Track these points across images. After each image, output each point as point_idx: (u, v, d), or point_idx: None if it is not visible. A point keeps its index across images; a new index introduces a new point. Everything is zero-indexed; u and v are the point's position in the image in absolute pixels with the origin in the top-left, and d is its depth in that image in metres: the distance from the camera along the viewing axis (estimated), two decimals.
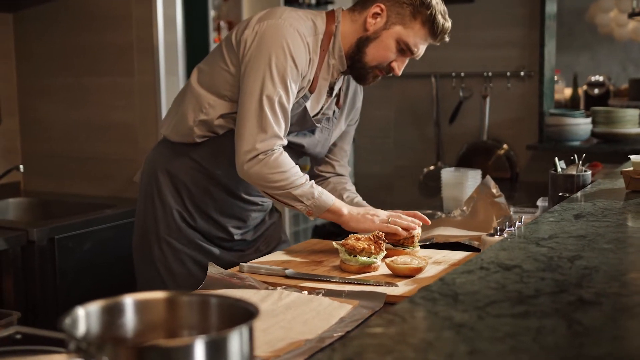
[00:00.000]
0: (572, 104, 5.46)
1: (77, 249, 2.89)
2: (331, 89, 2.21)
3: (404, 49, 2.09)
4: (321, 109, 2.21)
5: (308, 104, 2.14)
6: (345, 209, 2.07)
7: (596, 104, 4.96)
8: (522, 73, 3.92)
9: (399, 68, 2.13)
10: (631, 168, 2.15)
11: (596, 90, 5.29)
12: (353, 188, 2.42)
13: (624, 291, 1.20)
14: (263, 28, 2.02)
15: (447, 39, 2.13)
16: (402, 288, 1.75)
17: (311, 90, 2.12)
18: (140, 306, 0.95)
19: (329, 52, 2.12)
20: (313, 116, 2.19)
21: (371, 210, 2.11)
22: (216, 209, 2.23)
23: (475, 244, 2.15)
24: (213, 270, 1.84)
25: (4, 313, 2.41)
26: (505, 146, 3.99)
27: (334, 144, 2.37)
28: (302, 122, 2.16)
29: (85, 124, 3.39)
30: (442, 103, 4.12)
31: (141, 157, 3.23)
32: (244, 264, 1.94)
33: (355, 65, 2.13)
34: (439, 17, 2.06)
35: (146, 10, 3.19)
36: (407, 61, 2.15)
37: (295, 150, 2.21)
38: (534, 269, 1.31)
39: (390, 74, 2.16)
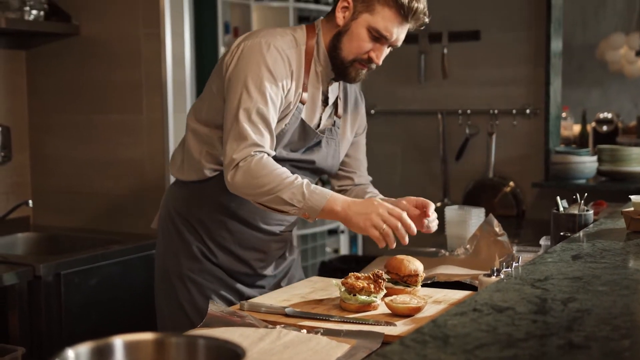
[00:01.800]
0: (580, 141, 5.46)
1: (83, 284, 2.91)
2: (326, 98, 2.20)
3: (377, 36, 2.05)
4: (320, 119, 2.20)
5: (304, 115, 2.14)
6: (339, 206, 1.93)
7: (605, 141, 4.96)
8: (528, 111, 3.95)
9: (378, 57, 2.08)
10: (632, 208, 2.16)
11: (604, 127, 5.29)
12: (376, 191, 2.38)
13: (614, 335, 1.20)
14: (241, 49, 2.05)
15: (425, 20, 2.08)
16: (400, 328, 1.75)
17: (302, 102, 2.12)
18: (129, 348, 0.97)
19: (314, 59, 2.12)
20: (315, 128, 2.18)
21: (370, 207, 1.92)
22: (235, 242, 2.23)
23: (477, 283, 2.15)
24: (214, 307, 1.85)
25: (9, 348, 2.43)
26: (511, 183, 4.00)
27: (347, 156, 2.35)
28: (303, 135, 2.15)
29: (94, 160, 3.43)
30: (449, 140, 4.14)
31: (149, 193, 3.26)
32: (244, 302, 1.95)
33: (335, 63, 2.11)
34: None
35: (155, 48, 3.24)
36: (385, 49, 2.09)
37: (309, 169, 2.21)
38: (526, 311, 1.32)
39: (373, 65, 2.11)
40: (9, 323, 2.71)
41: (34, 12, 3.30)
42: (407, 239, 1.94)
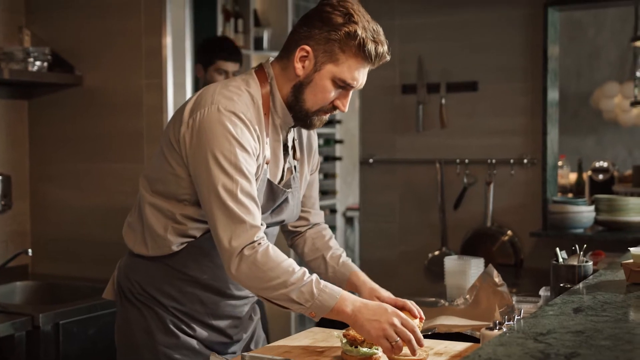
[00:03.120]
0: (577, 190, 5.49)
1: (81, 333, 2.90)
2: (285, 145, 2.08)
3: (342, 86, 1.95)
4: (283, 171, 2.07)
5: (269, 175, 2.02)
6: (349, 309, 1.84)
7: (601, 190, 4.99)
8: (525, 160, 3.98)
9: (344, 105, 1.98)
10: (631, 260, 2.17)
11: (600, 176, 5.33)
12: (333, 238, 2.26)
13: None
14: (197, 121, 1.89)
15: (388, 59, 1.99)
16: None
17: (266, 162, 1.99)
18: None
19: (271, 112, 2.00)
20: (278, 182, 2.06)
21: (383, 315, 1.84)
22: (209, 314, 2.09)
23: (477, 334, 2.15)
24: None
25: None
26: (509, 232, 4.02)
27: (303, 195, 2.22)
28: (272, 196, 2.03)
29: (94, 208, 3.45)
30: (447, 189, 4.16)
31: None
32: (245, 354, 1.93)
33: (298, 114, 1.99)
34: (370, 44, 1.91)
35: (157, 98, 3.28)
36: (350, 94, 1.99)
37: (275, 225, 2.12)
38: None
39: (336, 111, 2.01)
40: None
41: (38, 63, 3.34)
42: (418, 352, 1.84)
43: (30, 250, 3.22)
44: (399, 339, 1.81)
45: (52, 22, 3.52)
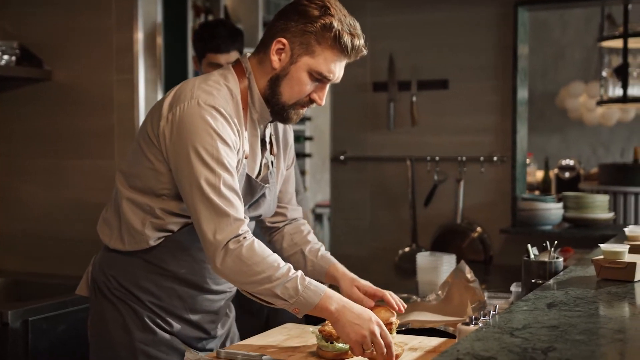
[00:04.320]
0: (543, 187, 5.57)
1: (51, 330, 2.87)
2: (262, 140, 2.08)
3: (318, 78, 1.94)
4: (260, 166, 2.08)
5: (247, 169, 2.02)
6: (334, 307, 1.83)
7: (567, 187, 5.07)
8: (495, 158, 4.02)
9: (321, 98, 1.98)
10: (601, 256, 2.20)
11: (567, 174, 5.40)
12: (311, 233, 2.26)
13: None
14: (177, 116, 1.88)
15: (364, 52, 1.98)
16: None
17: (245, 156, 1.99)
18: None
19: (249, 107, 2.00)
20: (256, 177, 2.05)
21: (364, 320, 1.83)
22: (186, 309, 2.08)
23: (451, 329, 2.17)
24: (190, 356, 1.85)
25: None
26: (479, 229, 4.06)
27: (279, 191, 2.21)
28: (250, 190, 2.03)
29: (63, 204, 3.41)
30: (417, 186, 4.19)
31: None
32: (220, 349, 1.94)
33: (275, 108, 1.99)
34: (346, 36, 1.91)
35: (128, 95, 3.25)
36: (327, 88, 1.99)
37: (252, 220, 2.12)
38: None
39: (313, 105, 2.01)
40: None
41: (6, 57, 3.30)
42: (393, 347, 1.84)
43: None
44: (372, 349, 1.82)
45: (21, 16, 3.46)
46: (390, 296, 2.05)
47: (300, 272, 1.86)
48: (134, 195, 2.01)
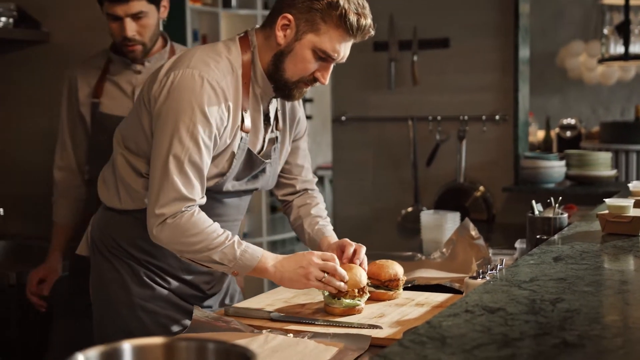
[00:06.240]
0: (545, 147, 5.56)
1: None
2: (266, 115, 2.07)
3: (323, 57, 1.93)
4: (263, 141, 2.07)
5: (249, 144, 2.01)
6: (271, 265, 1.90)
7: (568, 147, 5.06)
8: (497, 117, 4.01)
9: (324, 77, 1.97)
10: (607, 211, 2.20)
11: (568, 133, 5.39)
12: (318, 205, 2.25)
13: (606, 334, 1.23)
14: (170, 81, 1.89)
15: (372, 33, 1.96)
16: (386, 330, 1.77)
17: (246, 131, 1.99)
18: (138, 352, 0.97)
19: (251, 82, 1.98)
20: (258, 152, 2.06)
21: (303, 261, 1.90)
22: (182, 269, 2.11)
23: (457, 285, 2.18)
24: (199, 313, 1.85)
25: None
26: (481, 188, 4.06)
27: (286, 163, 2.21)
28: (250, 164, 2.04)
29: None
30: (419, 146, 4.18)
31: None
32: (229, 307, 1.96)
33: (278, 84, 1.98)
34: (352, 15, 1.88)
35: None
36: (331, 67, 1.98)
37: (250, 193, 2.14)
38: (517, 312, 1.35)
39: (316, 84, 2.00)
40: None
41: (3, 19, 3.26)
42: (343, 285, 1.89)
43: (2, 210, 3.17)
44: (325, 274, 1.88)
45: None
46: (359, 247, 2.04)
47: (236, 238, 1.91)
48: (131, 158, 2.03)
